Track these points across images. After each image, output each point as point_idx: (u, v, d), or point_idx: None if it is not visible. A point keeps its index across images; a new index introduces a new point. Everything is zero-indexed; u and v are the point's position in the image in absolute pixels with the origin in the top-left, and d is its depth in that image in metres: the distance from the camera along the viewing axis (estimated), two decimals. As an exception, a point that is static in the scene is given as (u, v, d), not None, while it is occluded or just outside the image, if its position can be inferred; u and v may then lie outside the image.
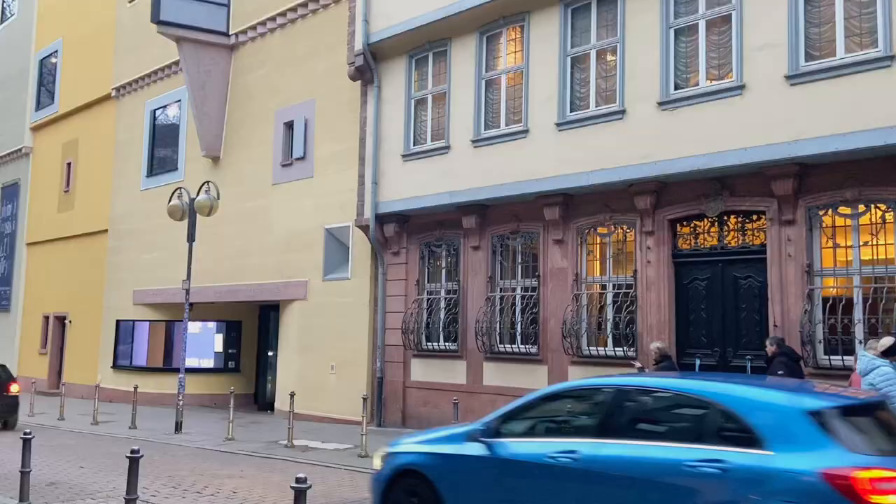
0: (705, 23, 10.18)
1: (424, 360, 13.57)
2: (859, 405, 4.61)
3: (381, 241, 14.22)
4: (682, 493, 4.14)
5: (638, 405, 4.96)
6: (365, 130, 14.60)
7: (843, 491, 3.72)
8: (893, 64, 8.37)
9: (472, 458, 5.27)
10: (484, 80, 12.88)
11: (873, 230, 8.97)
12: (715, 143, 9.71)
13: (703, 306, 10.36)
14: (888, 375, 6.05)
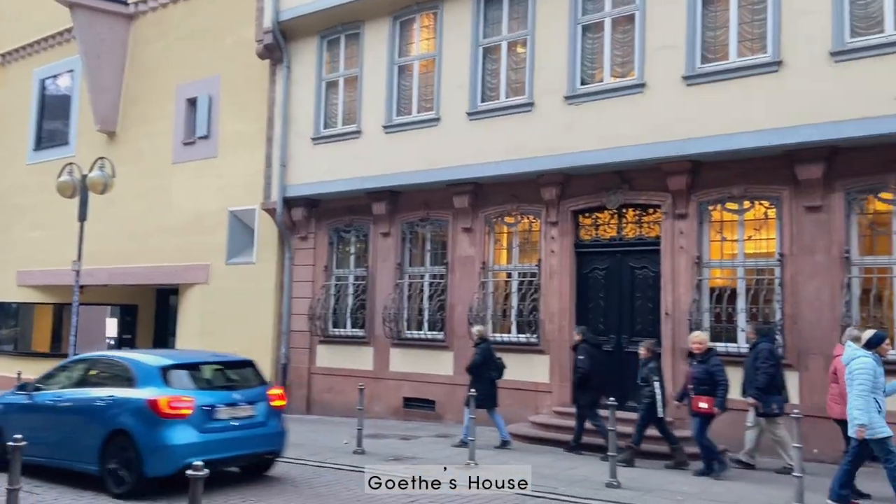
0: (611, 21, 10.57)
1: (331, 346, 13.49)
2: (187, 363, 7.66)
3: (289, 225, 13.98)
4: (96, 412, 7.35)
5: (93, 367, 8.13)
6: (273, 111, 14.27)
7: (152, 408, 6.93)
8: (780, 69, 8.99)
9: (20, 403, 8.26)
10: (397, 65, 12.86)
11: (757, 225, 9.64)
12: (617, 139, 10.12)
13: (601, 295, 10.82)
14: (863, 366, 6.43)
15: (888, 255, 8.67)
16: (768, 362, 8.12)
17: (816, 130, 8.61)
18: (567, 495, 6.94)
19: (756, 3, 9.38)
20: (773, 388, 8.12)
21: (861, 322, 8.63)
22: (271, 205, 14.00)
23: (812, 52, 8.72)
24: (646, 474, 7.98)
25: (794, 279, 9.10)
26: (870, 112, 8.28)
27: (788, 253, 9.18)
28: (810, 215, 9.04)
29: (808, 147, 8.79)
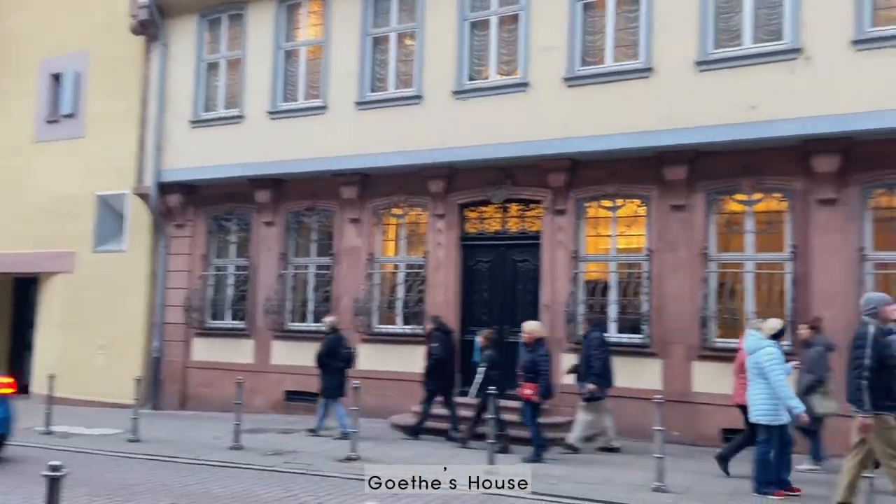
0: (497, 19, 10.88)
1: (209, 338, 13.07)
2: None
3: (164, 211, 13.39)
4: None
5: None
6: (148, 91, 13.61)
7: None
8: (651, 75, 9.61)
9: None
10: (283, 50, 12.61)
11: (628, 222, 10.28)
12: (502, 135, 10.45)
13: (485, 287, 11.15)
14: (773, 355, 6.76)
15: (741, 251, 9.50)
16: (600, 349, 8.73)
17: (682, 135, 9.30)
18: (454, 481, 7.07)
19: (630, 11, 9.98)
20: (602, 374, 8.68)
21: (717, 313, 9.44)
22: (144, 189, 13.35)
23: (679, 60, 9.39)
24: (516, 460, 8.33)
25: (660, 273, 9.79)
26: (729, 119, 9.04)
27: (655, 249, 9.86)
28: (675, 214, 9.75)
29: (674, 150, 9.48)
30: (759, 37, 9.15)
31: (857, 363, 5.58)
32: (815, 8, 8.70)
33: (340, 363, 9.97)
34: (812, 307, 8.82)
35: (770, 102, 8.80)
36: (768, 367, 6.62)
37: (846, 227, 8.81)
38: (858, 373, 5.54)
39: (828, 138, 8.61)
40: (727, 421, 9.08)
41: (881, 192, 8.80)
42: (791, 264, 9.08)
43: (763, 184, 9.30)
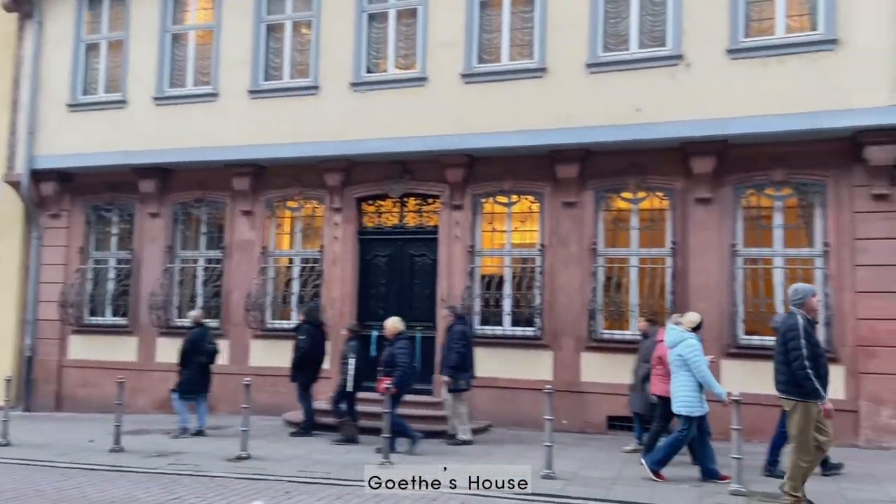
0: (395, 12, 10.91)
1: (87, 336, 12.39)
2: None
3: (37, 200, 12.56)
4: None
5: None
6: (20, 71, 12.73)
7: None
8: (545, 75, 9.93)
9: None
10: (170, 33, 12.11)
11: (522, 218, 10.59)
12: (400, 129, 10.50)
13: (382, 281, 11.18)
14: (695, 347, 7.06)
15: (627, 247, 10.01)
16: (460, 342, 8.98)
17: (573, 134, 9.68)
18: (345, 479, 7.06)
19: (525, 11, 10.27)
20: (463, 366, 8.98)
21: (603, 306, 9.90)
22: (15, 177, 12.48)
23: (571, 62, 9.77)
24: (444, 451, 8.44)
25: (551, 268, 10.16)
26: (617, 120, 9.49)
27: (548, 244, 10.22)
28: (567, 210, 10.14)
29: (566, 149, 9.84)
30: (644, 42, 9.66)
31: (796, 355, 5.69)
32: (695, 17, 9.28)
33: (203, 358, 9.83)
34: (689, 300, 9.42)
35: (654, 105, 9.31)
36: (692, 358, 6.91)
37: (720, 224, 9.46)
38: (800, 364, 5.65)
39: (704, 141, 9.22)
40: (613, 409, 9.58)
41: (751, 192, 9.51)
42: (671, 259, 9.65)
43: (647, 183, 9.83)
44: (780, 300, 9.15)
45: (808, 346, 5.66)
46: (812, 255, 9.20)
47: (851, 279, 8.88)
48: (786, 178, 9.23)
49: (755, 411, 8.42)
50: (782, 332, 5.92)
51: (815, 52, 8.79)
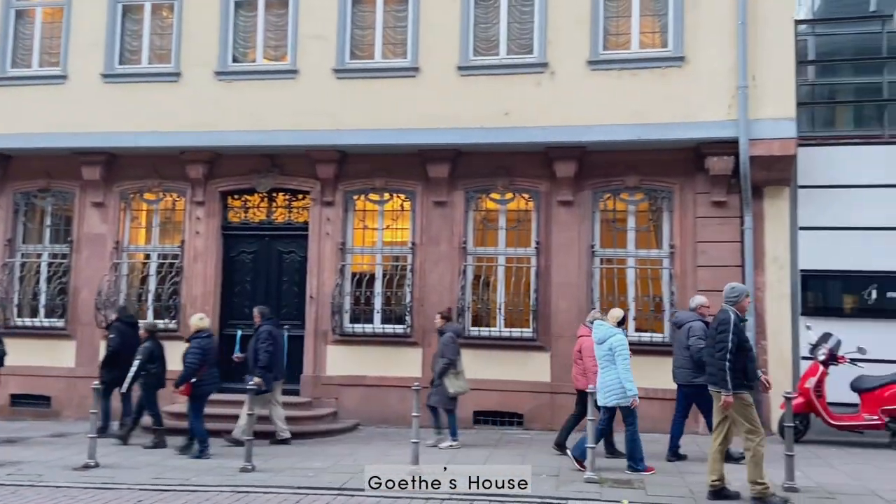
0: (265, 2, 10.76)
1: None
2: None
3: None
4: None
5: None
6: None
7: None
8: (418, 75, 10.18)
9: None
10: (14, 8, 11.28)
11: (394, 216, 10.81)
12: (269, 122, 10.40)
13: (248, 279, 11.02)
14: (622, 341, 7.44)
15: (495, 246, 10.49)
16: (267, 342, 9.01)
17: (444, 134, 10.02)
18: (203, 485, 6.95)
19: (399, 10, 10.50)
20: (268, 368, 8.98)
21: (472, 304, 10.33)
22: None
23: (443, 63, 10.10)
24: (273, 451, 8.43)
25: (422, 266, 10.46)
26: (486, 123, 9.90)
27: (419, 242, 10.51)
28: (437, 209, 10.47)
29: (437, 149, 10.16)
30: (512, 49, 10.17)
31: (721, 346, 6.11)
32: (559, 28, 9.88)
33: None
34: (552, 297, 10.04)
35: (521, 110, 9.82)
36: (618, 351, 7.36)
37: (580, 226, 10.15)
38: (722, 355, 6.07)
39: (566, 146, 9.85)
40: (479, 404, 10.01)
41: (608, 196, 10.27)
42: (535, 258, 10.23)
43: (514, 184, 10.36)
44: (632, 297, 9.97)
45: (735, 340, 6.11)
46: (660, 255, 10.08)
47: (693, 278, 9.81)
48: (638, 184, 10.05)
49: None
50: (714, 325, 6.34)
51: (664, 67, 9.64)
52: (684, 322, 8.15)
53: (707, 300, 8.31)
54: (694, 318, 8.08)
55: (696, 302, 8.32)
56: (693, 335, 7.88)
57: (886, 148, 10.14)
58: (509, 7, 10.17)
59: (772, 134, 9.32)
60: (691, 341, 7.86)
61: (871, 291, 9.74)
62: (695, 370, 7.74)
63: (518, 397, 10.04)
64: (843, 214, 9.86)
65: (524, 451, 8.48)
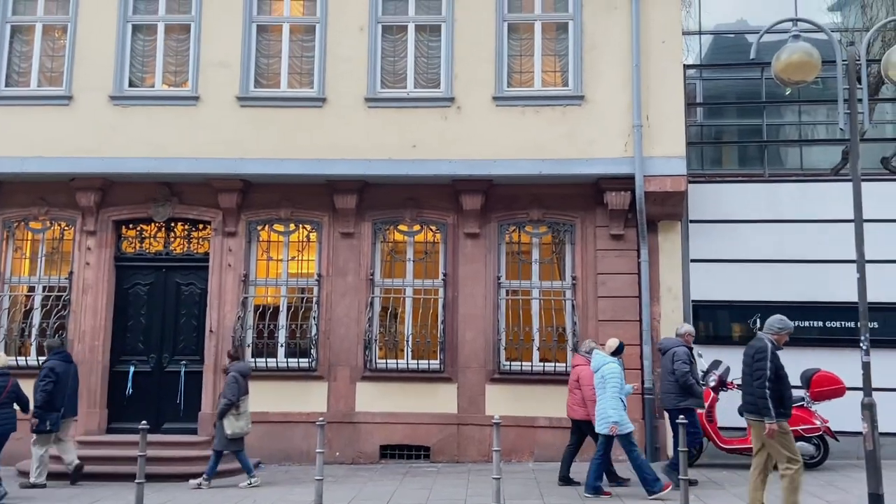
0: (164, 26, 10.67)
1: None
2: None
3: None
4: None
5: None
6: None
7: None
8: (325, 105, 10.33)
9: None
10: None
11: (300, 247, 10.83)
12: (167, 149, 10.26)
13: (143, 312, 10.73)
14: (615, 371, 7.76)
15: (403, 278, 10.69)
16: (46, 380, 8.90)
17: (352, 165, 10.18)
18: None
19: (306, 40, 10.65)
20: (51, 406, 8.89)
21: (379, 336, 10.45)
22: None
23: (351, 95, 10.31)
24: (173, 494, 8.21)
25: (329, 297, 10.51)
26: (394, 155, 10.17)
27: (326, 274, 10.56)
28: (345, 240, 10.59)
29: (344, 179, 10.31)
30: (420, 82, 10.51)
31: (759, 374, 6.37)
32: (465, 64, 10.31)
33: None
34: (458, 328, 10.32)
35: (428, 143, 10.15)
36: (608, 380, 7.72)
37: (487, 257, 10.52)
38: (761, 383, 6.34)
39: (473, 179, 10.22)
40: (385, 438, 10.10)
41: (513, 228, 10.71)
42: (443, 290, 10.49)
43: (422, 216, 10.63)
44: (537, 328, 10.37)
45: (772, 368, 6.39)
46: (563, 287, 10.57)
47: (595, 309, 10.33)
48: (542, 217, 10.54)
49: (514, 432, 9.45)
50: (751, 354, 6.58)
51: (565, 105, 10.22)
52: (669, 348, 8.61)
53: (693, 329, 8.89)
54: (679, 344, 8.57)
55: (682, 329, 8.88)
56: (678, 359, 8.33)
57: (767, 185, 11.08)
58: (416, 41, 10.54)
59: (664, 171, 10.02)
60: (676, 366, 8.31)
61: (756, 320, 10.53)
62: (680, 394, 8.25)
63: (425, 430, 10.20)
64: (730, 247, 10.67)
65: (431, 483, 8.63)
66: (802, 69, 7.61)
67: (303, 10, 10.73)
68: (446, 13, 10.43)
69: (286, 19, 10.65)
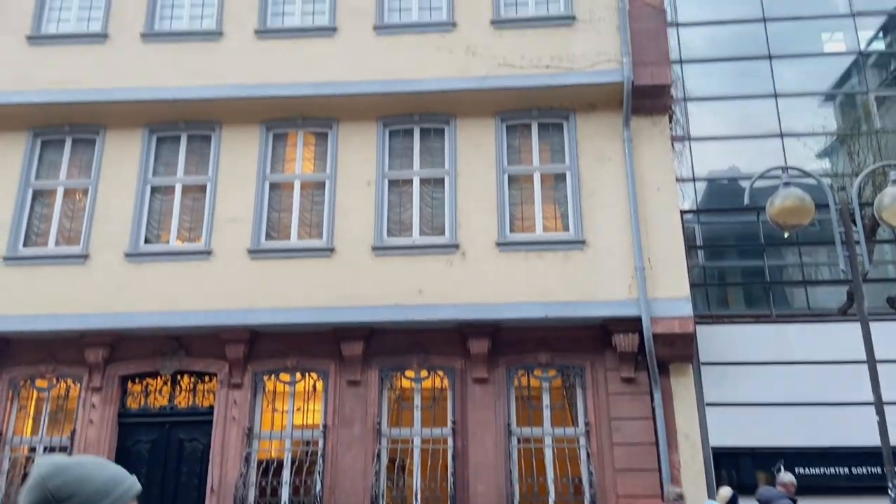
0: (182, 186, 11.37)
1: None
2: None
3: None
4: None
5: None
6: None
7: None
8: (333, 255, 10.74)
9: None
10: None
11: (306, 396, 10.81)
12: (178, 302, 10.56)
13: (143, 470, 10.50)
14: None
15: (410, 426, 10.55)
16: None
17: (359, 313, 10.40)
18: None
19: (316, 194, 11.28)
20: None
21: (386, 491, 10.14)
22: None
23: (358, 244, 10.76)
24: None
25: (334, 449, 10.33)
26: (400, 301, 10.41)
27: (331, 424, 10.45)
28: (351, 389, 10.58)
29: (351, 327, 10.49)
30: (425, 230, 10.98)
31: None
32: (468, 213, 10.82)
33: None
34: (469, 480, 10.02)
35: (434, 289, 10.43)
36: None
37: (496, 403, 10.43)
38: None
39: (479, 324, 10.38)
40: None
41: (522, 373, 10.70)
42: (451, 439, 10.31)
43: (429, 362, 10.68)
44: (551, 479, 10.06)
45: None
46: (577, 434, 10.38)
47: (611, 457, 10.07)
48: (551, 361, 10.57)
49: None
50: None
51: (567, 250, 10.59)
52: (772, 499, 8.34)
53: (794, 479, 8.64)
54: (781, 496, 8.31)
55: (786, 478, 8.66)
56: None
57: (775, 326, 11.19)
58: (421, 192, 11.13)
59: (671, 313, 10.18)
60: None
61: (780, 467, 10.21)
62: None
63: None
64: (745, 390, 10.58)
65: None
66: (797, 214, 7.99)
67: (314, 167, 11.46)
68: (449, 166, 11.12)
69: (298, 176, 11.35)
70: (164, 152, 11.60)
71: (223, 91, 11.22)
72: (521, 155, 11.30)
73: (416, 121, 11.38)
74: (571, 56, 11.14)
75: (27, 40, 11.80)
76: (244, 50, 11.54)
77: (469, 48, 11.27)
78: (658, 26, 11.28)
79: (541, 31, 11.34)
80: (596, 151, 11.03)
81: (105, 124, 11.55)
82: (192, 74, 11.38)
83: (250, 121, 11.39)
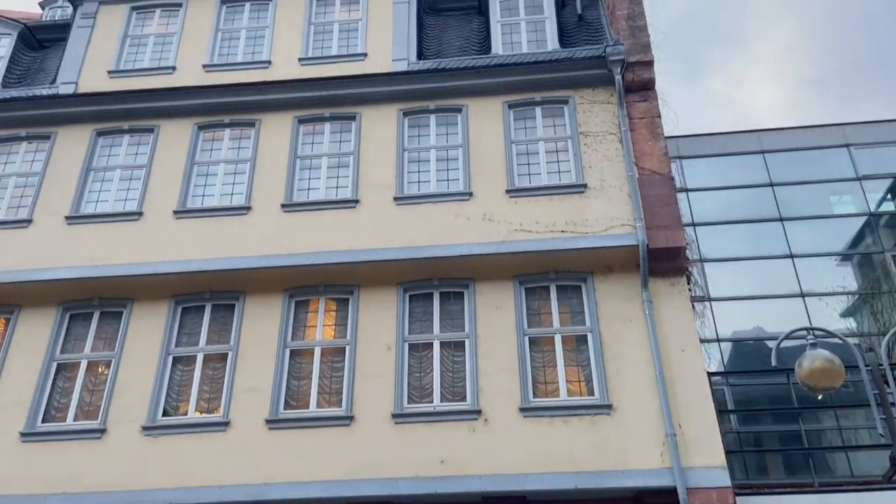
0: (203, 356, 11.45)
1: None
2: None
3: None
4: None
5: None
6: None
7: None
8: (352, 424, 10.55)
9: None
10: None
11: (321, 581, 10.10)
12: (196, 477, 10.32)
13: None
14: None
15: None
16: None
17: (377, 485, 10.04)
18: None
19: (336, 361, 11.29)
20: None
21: None
22: None
23: (377, 411, 10.59)
24: None
25: None
26: (421, 472, 10.07)
27: None
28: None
29: (368, 500, 10.06)
30: (446, 396, 10.83)
31: None
32: (490, 376, 10.72)
33: None
34: None
35: (456, 458, 10.11)
36: None
37: (526, 584, 9.69)
38: None
39: (504, 495, 9.91)
40: None
41: (551, 546, 10.05)
42: None
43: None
44: None
45: None
46: None
47: None
48: (582, 535, 9.95)
49: None
50: None
51: (594, 414, 10.33)
52: None
53: None
54: None
55: None
56: None
57: (819, 497, 10.58)
58: (442, 357, 11.11)
59: (707, 483, 9.70)
60: None
61: None
62: None
63: None
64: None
65: None
66: (827, 376, 7.88)
67: (334, 332, 11.56)
68: (469, 329, 11.18)
69: (318, 343, 11.43)
70: (187, 322, 11.82)
71: (249, 262, 11.65)
72: (540, 317, 11.37)
73: (436, 285, 11.62)
74: (585, 221, 11.54)
75: (65, 220, 12.48)
76: (271, 223, 12.10)
77: (486, 215, 11.74)
78: (668, 192, 11.72)
79: (555, 198, 11.84)
80: (616, 313, 11.08)
81: (133, 297, 11.90)
82: (220, 247, 11.87)
83: (273, 289, 11.70)
